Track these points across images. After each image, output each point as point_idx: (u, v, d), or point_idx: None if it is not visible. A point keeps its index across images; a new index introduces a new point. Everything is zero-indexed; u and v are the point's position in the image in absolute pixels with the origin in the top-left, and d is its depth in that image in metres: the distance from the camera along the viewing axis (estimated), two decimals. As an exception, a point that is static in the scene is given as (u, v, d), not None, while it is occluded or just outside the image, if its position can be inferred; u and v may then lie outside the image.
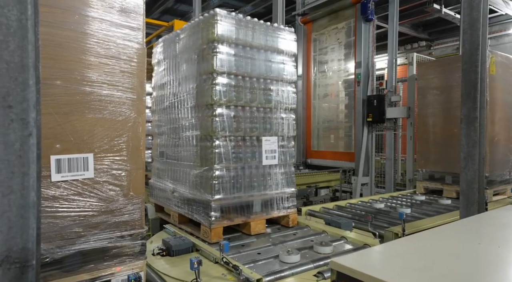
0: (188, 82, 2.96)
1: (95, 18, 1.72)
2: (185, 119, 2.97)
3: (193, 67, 2.89)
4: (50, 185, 1.59)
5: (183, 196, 2.94)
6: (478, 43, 2.35)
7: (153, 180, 3.56)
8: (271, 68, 2.98)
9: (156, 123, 3.57)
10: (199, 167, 2.76)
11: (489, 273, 1.20)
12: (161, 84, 3.44)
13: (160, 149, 3.42)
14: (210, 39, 2.66)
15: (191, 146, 2.89)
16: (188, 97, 2.95)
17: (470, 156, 2.40)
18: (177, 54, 3.15)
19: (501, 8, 7.87)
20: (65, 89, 1.65)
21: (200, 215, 2.71)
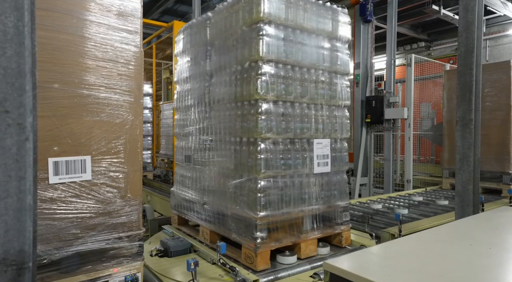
0: (223, 74, 2.48)
1: (92, 21, 1.74)
2: (219, 118, 2.49)
3: (231, 55, 2.41)
4: (48, 187, 1.61)
5: (217, 210, 2.47)
6: (473, 46, 2.37)
7: (175, 189, 3.09)
8: (324, 56, 2.48)
9: (179, 123, 3.06)
10: (238, 176, 2.29)
11: (479, 275, 1.21)
12: (186, 77, 2.96)
13: (186, 153, 2.94)
14: (255, 20, 2.18)
15: (227, 150, 2.41)
16: (223, 92, 2.45)
17: (465, 158, 2.42)
18: (208, 41, 2.66)
19: (499, 9, 7.89)
20: (62, 92, 1.66)
21: (241, 236, 2.23)
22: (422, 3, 7.95)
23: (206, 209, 2.59)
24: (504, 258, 1.36)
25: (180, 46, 3.08)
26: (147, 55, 8.05)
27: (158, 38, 8.45)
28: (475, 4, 2.33)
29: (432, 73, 6.84)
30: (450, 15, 7.98)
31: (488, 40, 9.55)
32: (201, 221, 2.65)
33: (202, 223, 2.64)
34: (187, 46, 2.97)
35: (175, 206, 3.05)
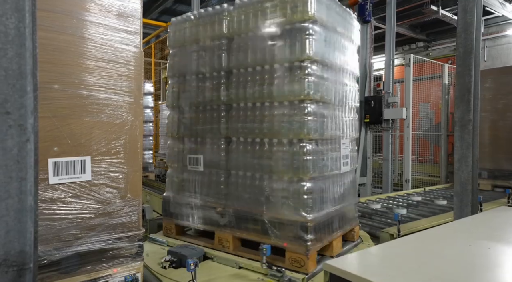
0: (252, 71, 2.38)
1: (92, 22, 1.74)
2: (247, 119, 2.41)
3: (265, 52, 2.32)
4: (48, 187, 1.61)
5: (244, 215, 2.37)
6: (471, 47, 2.37)
7: (171, 195, 2.81)
8: (347, 58, 2.56)
9: (179, 122, 2.83)
10: (278, 178, 2.25)
11: (478, 275, 1.22)
12: (190, 71, 2.75)
13: (191, 155, 2.70)
14: (300, 19, 2.15)
15: (260, 152, 2.32)
16: (255, 91, 2.35)
17: (464, 158, 2.43)
18: (224, 34, 2.53)
19: (498, 10, 7.91)
20: (63, 93, 1.66)
21: (287, 239, 2.16)
22: (421, 4, 7.97)
23: (227, 215, 2.46)
24: (503, 258, 1.37)
25: (178, 38, 2.83)
26: (146, 55, 8.06)
27: (157, 37, 8.45)
28: (474, 5, 2.34)
29: (430, 74, 6.86)
30: (448, 16, 8.00)
31: (486, 41, 9.58)
32: (218, 227, 2.50)
33: (220, 230, 2.49)
34: (190, 38, 2.74)
35: (172, 214, 2.77)
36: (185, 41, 2.81)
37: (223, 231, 2.46)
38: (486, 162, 5.35)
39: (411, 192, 4.95)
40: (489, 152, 5.38)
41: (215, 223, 2.52)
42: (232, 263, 2.31)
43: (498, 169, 5.21)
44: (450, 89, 6.76)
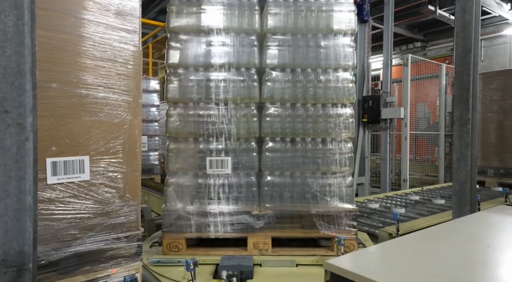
0: (294, 73, 2.49)
1: (91, 21, 1.73)
2: (284, 118, 2.47)
3: (312, 56, 2.47)
4: (46, 187, 1.59)
5: (289, 213, 2.42)
6: (470, 46, 2.38)
7: (179, 206, 2.43)
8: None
9: (192, 120, 2.49)
10: (326, 174, 2.45)
11: (478, 274, 1.22)
12: (204, 63, 2.50)
13: (215, 157, 2.46)
14: (346, 30, 2.50)
15: (308, 151, 2.44)
16: (297, 92, 2.47)
17: (462, 157, 2.44)
18: (257, 30, 2.51)
19: (495, 10, 7.96)
20: (61, 92, 1.65)
21: (336, 229, 2.38)
22: (418, 4, 8.00)
23: (265, 217, 2.42)
24: (503, 257, 1.38)
25: (190, 21, 2.49)
26: (143, 55, 8.01)
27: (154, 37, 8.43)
28: (473, 4, 2.35)
29: (428, 73, 6.89)
30: (446, 16, 8.04)
31: (483, 41, 9.63)
32: (253, 231, 2.42)
33: (254, 233, 2.42)
34: (211, 24, 2.46)
35: (182, 227, 2.41)
36: (201, 25, 2.69)
37: (259, 234, 2.41)
38: (492, 161, 5.52)
39: (409, 191, 4.96)
40: (495, 151, 5.53)
41: (248, 227, 2.41)
42: (288, 263, 2.28)
43: (504, 167, 5.40)
44: (448, 88, 6.79)
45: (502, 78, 5.55)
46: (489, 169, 5.57)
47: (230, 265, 2.09)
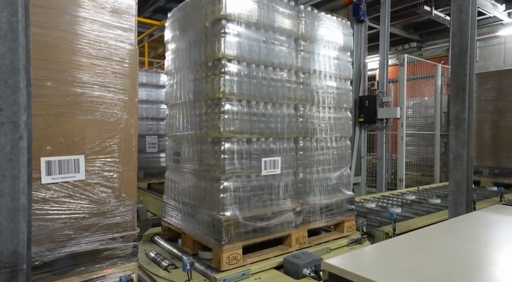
0: (320, 78, 2.71)
1: (86, 19, 1.71)
2: (313, 119, 2.65)
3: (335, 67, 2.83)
4: (40, 187, 1.57)
5: (319, 206, 2.64)
6: (466, 46, 2.39)
7: (237, 213, 2.20)
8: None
9: (247, 119, 2.40)
10: (338, 169, 2.85)
11: (476, 273, 1.22)
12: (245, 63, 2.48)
13: (268, 158, 2.41)
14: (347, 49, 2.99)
15: (327, 149, 2.75)
16: (319, 97, 2.68)
17: (458, 157, 2.44)
18: (297, 35, 2.63)
19: (489, 11, 8.01)
20: (56, 91, 1.63)
21: (345, 214, 2.85)
22: (414, 4, 8.03)
23: (304, 212, 2.55)
24: (500, 256, 1.38)
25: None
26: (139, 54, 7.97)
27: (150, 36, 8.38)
28: (469, 4, 2.35)
29: (423, 73, 6.92)
30: (441, 16, 8.08)
31: (478, 41, 9.69)
32: (295, 228, 2.48)
33: (296, 229, 2.48)
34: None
35: (240, 236, 2.22)
36: None
37: (299, 229, 2.51)
38: (487, 160, 5.57)
39: (405, 191, 4.98)
40: (490, 151, 5.57)
41: (290, 224, 2.46)
42: (324, 251, 2.53)
43: (499, 167, 5.46)
44: (443, 89, 6.82)
45: (497, 78, 5.60)
46: (484, 168, 5.63)
47: (308, 262, 2.13)
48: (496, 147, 5.51)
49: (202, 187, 2.34)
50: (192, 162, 2.47)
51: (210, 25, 2.26)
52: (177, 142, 2.67)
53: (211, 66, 2.26)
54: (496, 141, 5.51)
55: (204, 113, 2.33)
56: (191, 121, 2.47)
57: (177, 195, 2.64)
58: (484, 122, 5.64)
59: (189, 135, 2.51)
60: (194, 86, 2.44)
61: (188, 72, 2.52)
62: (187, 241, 2.53)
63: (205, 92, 2.30)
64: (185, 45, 2.56)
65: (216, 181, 2.20)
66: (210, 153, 2.26)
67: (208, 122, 2.27)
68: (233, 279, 2.08)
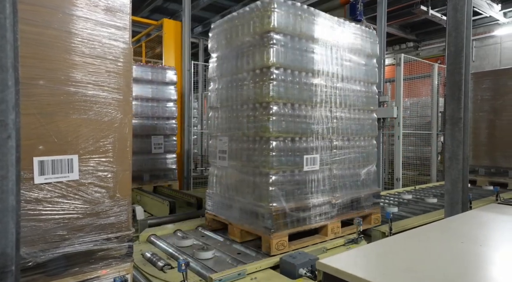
0: (351, 82, 2.98)
1: (79, 17, 1.69)
2: (349, 122, 2.97)
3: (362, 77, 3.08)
4: (33, 187, 1.55)
5: (350, 198, 2.93)
6: (462, 45, 2.39)
7: (285, 204, 2.46)
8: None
9: (291, 120, 2.73)
10: (366, 165, 3.10)
11: (471, 272, 1.22)
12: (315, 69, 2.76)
13: (309, 155, 2.70)
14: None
15: (357, 148, 3.02)
16: (350, 101, 2.95)
17: (454, 156, 2.44)
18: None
19: (485, 11, 8.04)
20: (48, 89, 1.61)
21: (371, 207, 3.07)
22: (411, 4, 8.05)
23: (337, 205, 2.82)
24: (495, 255, 1.38)
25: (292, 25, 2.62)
26: (137, 54, 7.93)
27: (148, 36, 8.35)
28: (464, 3, 2.35)
29: (420, 73, 6.93)
30: (438, 16, 8.10)
31: (474, 41, 9.72)
32: (330, 218, 2.75)
33: (331, 220, 2.76)
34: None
35: (287, 224, 2.48)
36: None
37: (333, 220, 2.78)
38: (483, 160, 5.58)
39: (402, 190, 4.99)
40: (486, 150, 5.58)
41: (327, 215, 2.75)
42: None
43: (495, 166, 5.47)
44: (440, 88, 6.84)
45: (493, 78, 5.61)
46: (480, 168, 5.65)
47: (304, 262, 2.18)
48: (492, 146, 5.52)
49: (250, 181, 2.60)
50: (239, 158, 2.71)
51: (259, 37, 2.52)
52: (222, 141, 2.89)
53: (259, 73, 2.52)
54: (492, 140, 5.52)
55: (252, 115, 2.58)
56: (238, 122, 2.72)
57: (222, 189, 2.90)
58: (480, 122, 5.65)
59: (235, 134, 2.77)
60: (241, 91, 2.69)
61: (235, 78, 2.78)
62: (234, 231, 2.74)
63: (254, 97, 2.55)
64: (231, 54, 2.81)
65: (265, 176, 2.47)
66: (259, 150, 2.52)
67: (257, 123, 2.53)
68: (229, 279, 2.07)
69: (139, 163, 4.97)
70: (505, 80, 5.42)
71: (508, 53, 9.53)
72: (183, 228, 3.14)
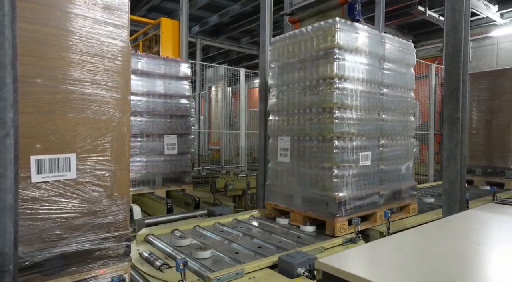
0: (397, 90, 3.44)
1: (77, 15, 1.68)
2: (393, 124, 3.40)
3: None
4: (30, 186, 1.54)
5: (393, 190, 3.33)
6: (460, 46, 2.40)
7: (345, 194, 2.89)
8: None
9: (350, 123, 3.08)
10: (406, 162, 3.50)
11: (469, 271, 1.22)
12: (358, 78, 3.09)
13: (363, 152, 3.11)
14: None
15: (399, 146, 3.43)
16: (394, 105, 3.38)
17: (452, 156, 2.45)
18: (381, 56, 3.29)
19: (482, 11, 8.08)
20: (46, 88, 1.60)
21: (410, 198, 3.49)
22: (408, 4, 8.07)
23: (384, 195, 3.22)
24: (493, 254, 1.38)
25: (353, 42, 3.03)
26: (134, 53, 7.85)
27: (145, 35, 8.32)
28: (462, 4, 2.36)
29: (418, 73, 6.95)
30: (435, 16, 8.13)
31: (471, 42, 9.77)
32: (378, 207, 3.16)
33: (379, 209, 3.16)
34: (360, 49, 3.11)
35: (347, 211, 2.91)
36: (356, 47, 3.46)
37: (381, 208, 3.16)
38: (480, 160, 5.61)
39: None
40: (483, 150, 5.60)
41: (376, 204, 3.16)
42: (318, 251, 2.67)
43: (491, 166, 5.51)
44: (437, 88, 6.86)
45: (490, 78, 5.64)
46: (477, 168, 5.67)
47: (302, 261, 2.22)
48: (489, 147, 5.55)
49: (313, 174, 3.04)
50: (301, 155, 3.14)
51: (323, 52, 2.96)
52: (284, 140, 3.34)
53: (322, 83, 2.95)
54: (489, 140, 5.55)
55: (315, 118, 3.02)
56: (300, 124, 3.16)
57: (284, 182, 3.33)
58: (477, 122, 5.68)
59: (298, 135, 3.19)
60: (304, 97, 3.13)
61: (297, 86, 3.22)
62: (296, 217, 3.19)
63: (318, 102, 2.98)
64: (293, 66, 3.26)
65: (329, 170, 2.91)
66: (322, 148, 2.97)
67: (321, 125, 2.97)
68: (228, 278, 2.07)
69: (150, 165, 4.58)
70: (502, 81, 5.45)
71: (505, 54, 9.59)
72: (180, 228, 3.13)
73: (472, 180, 5.58)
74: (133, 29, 8.36)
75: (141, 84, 4.51)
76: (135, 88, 4.38)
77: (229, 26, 10.99)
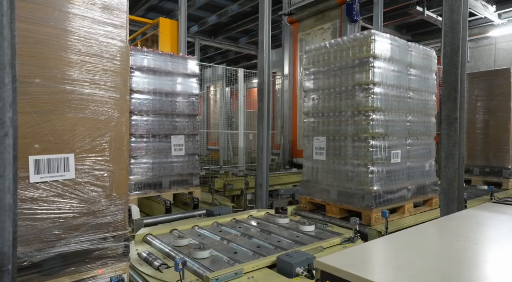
0: (423, 94, 3.79)
1: (76, 14, 1.68)
2: (417, 125, 3.70)
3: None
4: (29, 186, 1.54)
5: (418, 186, 3.62)
6: (458, 46, 2.41)
7: (380, 188, 3.19)
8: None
9: (383, 124, 3.37)
10: (428, 159, 3.81)
11: (467, 270, 1.23)
12: (388, 84, 3.39)
13: (394, 150, 3.43)
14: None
15: (423, 145, 3.75)
16: (419, 107, 3.71)
17: (450, 155, 2.46)
18: (408, 63, 3.61)
19: (480, 12, 8.11)
20: (44, 88, 1.60)
21: (435, 193, 3.80)
22: (407, 4, 8.09)
23: (411, 189, 3.51)
24: (491, 253, 1.39)
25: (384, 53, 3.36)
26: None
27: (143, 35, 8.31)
28: (461, 4, 2.37)
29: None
30: (433, 16, 8.15)
31: (469, 42, 9.80)
32: (406, 200, 3.47)
33: (407, 201, 3.48)
34: (391, 56, 3.44)
35: (381, 203, 3.23)
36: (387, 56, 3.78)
37: (409, 201, 3.49)
38: (477, 159, 5.64)
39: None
40: (481, 150, 5.63)
41: (405, 198, 3.46)
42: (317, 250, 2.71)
43: (489, 166, 5.54)
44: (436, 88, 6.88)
45: (488, 78, 5.67)
46: (475, 167, 5.70)
47: (301, 261, 2.23)
48: (486, 146, 5.57)
49: (350, 170, 3.33)
50: (337, 153, 3.46)
51: (358, 60, 3.28)
52: (320, 140, 3.66)
53: (358, 88, 3.27)
54: (486, 140, 5.57)
55: (351, 120, 3.33)
56: (337, 125, 3.47)
57: (319, 177, 3.64)
58: (475, 122, 5.70)
59: (333, 135, 3.51)
60: (340, 101, 3.45)
61: (332, 91, 3.55)
62: (332, 209, 3.47)
63: (354, 106, 3.29)
64: (329, 73, 3.59)
65: (364, 166, 3.20)
66: (358, 147, 3.27)
67: (357, 126, 3.28)
68: (226, 278, 2.07)
69: (157, 167, 4.38)
70: (500, 81, 5.48)
71: (503, 54, 9.63)
72: (179, 227, 3.13)
73: (470, 179, 5.60)
74: (132, 29, 8.34)
75: (147, 82, 4.29)
76: (141, 86, 4.25)
77: (227, 26, 11.00)
